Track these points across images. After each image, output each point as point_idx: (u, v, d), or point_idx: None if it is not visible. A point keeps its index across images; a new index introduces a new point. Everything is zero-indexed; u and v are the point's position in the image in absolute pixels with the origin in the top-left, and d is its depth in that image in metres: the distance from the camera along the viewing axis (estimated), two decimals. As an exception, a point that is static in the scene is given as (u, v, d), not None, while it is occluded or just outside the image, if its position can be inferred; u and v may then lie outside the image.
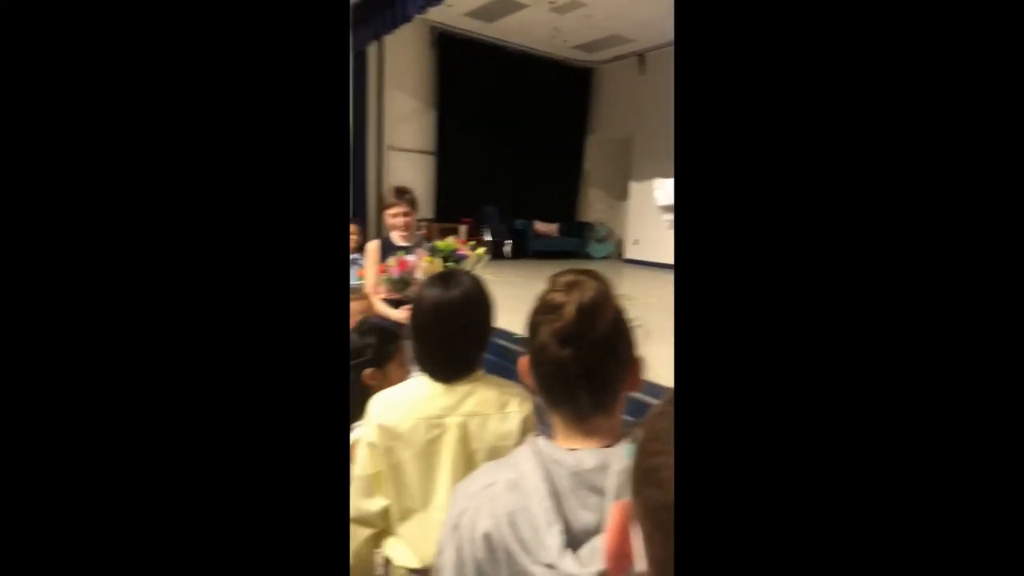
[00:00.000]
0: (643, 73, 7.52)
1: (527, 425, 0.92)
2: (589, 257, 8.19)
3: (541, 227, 8.05)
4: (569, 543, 0.55)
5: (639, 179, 7.60)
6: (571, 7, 5.99)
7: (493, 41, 7.30)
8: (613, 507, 0.46)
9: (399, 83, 6.99)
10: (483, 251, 2.15)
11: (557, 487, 0.57)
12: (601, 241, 8.52)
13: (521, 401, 0.92)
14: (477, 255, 2.09)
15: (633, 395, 0.65)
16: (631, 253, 7.89)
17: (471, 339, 0.93)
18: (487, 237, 6.96)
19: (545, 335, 0.60)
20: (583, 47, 7.44)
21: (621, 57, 7.70)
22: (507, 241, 7.47)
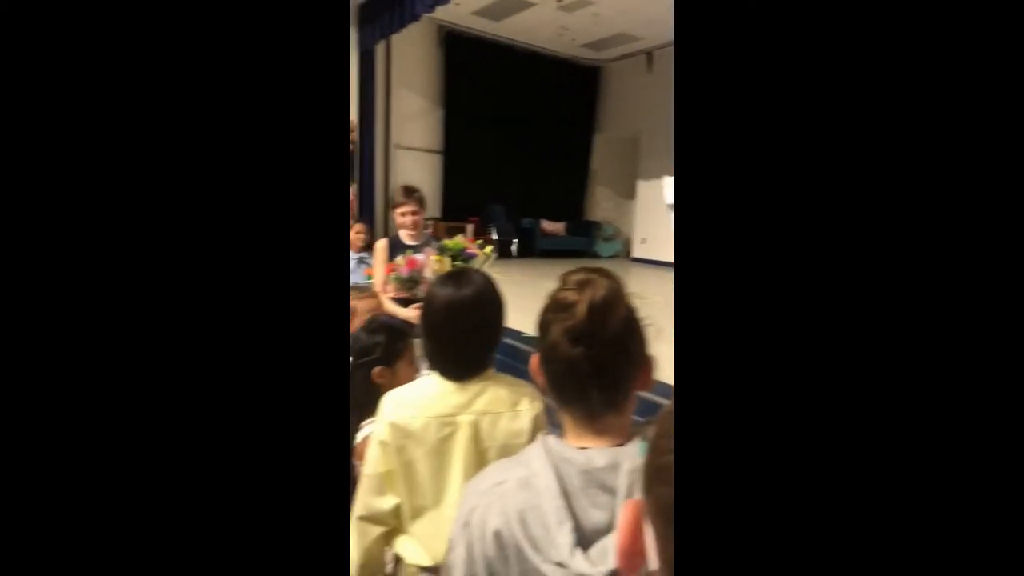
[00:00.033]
0: (651, 71, 7.48)
1: (538, 423, 0.91)
2: (596, 256, 8.17)
3: (548, 226, 8.04)
4: (579, 542, 0.55)
5: (646, 178, 7.57)
6: (579, 5, 5.97)
7: (500, 40, 7.29)
8: (625, 505, 0.46)
9: (406, 82, 7.00)
10: (491, 250, 2.15)
11: (568, 485, 0.57)
12: (608, 240, 8.49)
13: (532, 399, 0.92)
14: (485, 254, 2.10)
15: (643, 394, 0.65)
16: (638, 252, 7.86)
17: (483, 338, 0.93)
18: (494, 236, 6.96)
19: (556, 333, 0.60)
20: (590, 45, 7.42)
21: (629, 55, 7.67)
22: (514, 240, 7.47)
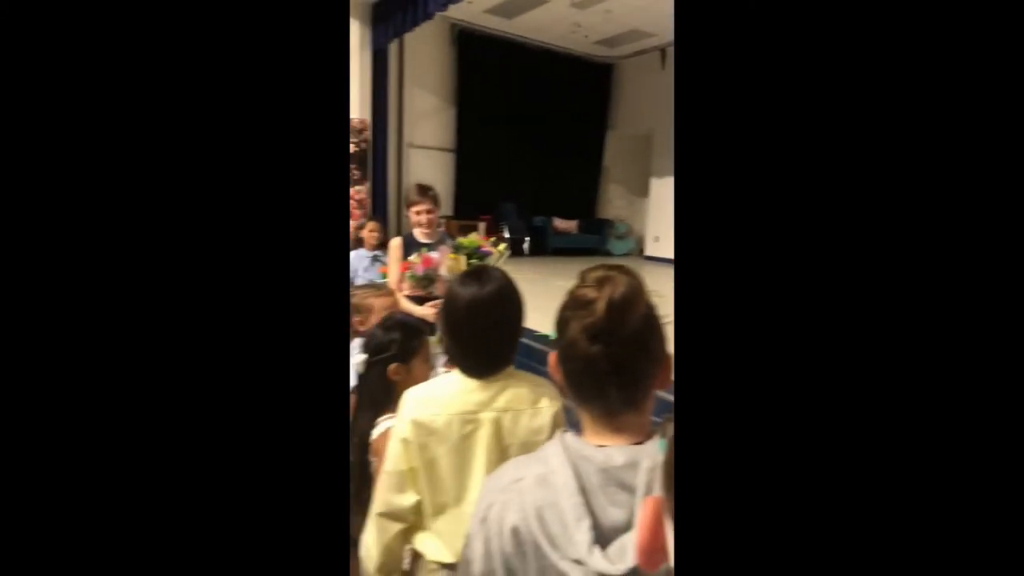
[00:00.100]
0: (664, 68, 7.42)
1: (557, 421, 0.92)
2: (608, 254, 8.13)
3: (560, 224, 8.02)
4: (598, 540, 0.55)
5: (660, 175, 7.52)
6: (592, 2, 5.94)
7: (513, 37, 7.28)
8: (645, 502, 0.46)
9: (419, 80, 7.02)
10: (504, 247, 2.16)
11: (586, 483, 0.57)
12: (621, 238, 8.45)
13: (552, 396, 0.92)
14: (499, 252, 2.10)
15: (661, 393, 0.65)
16: (651, 250, 7.82)
17: (505, 335, 0.93)
18: (506, 234, 6.96)
19: (575, 331, 0.59)
20: (603, 42, 7.38)
21: (642, 52, 7.62)
22: (526, 238, 7.46)
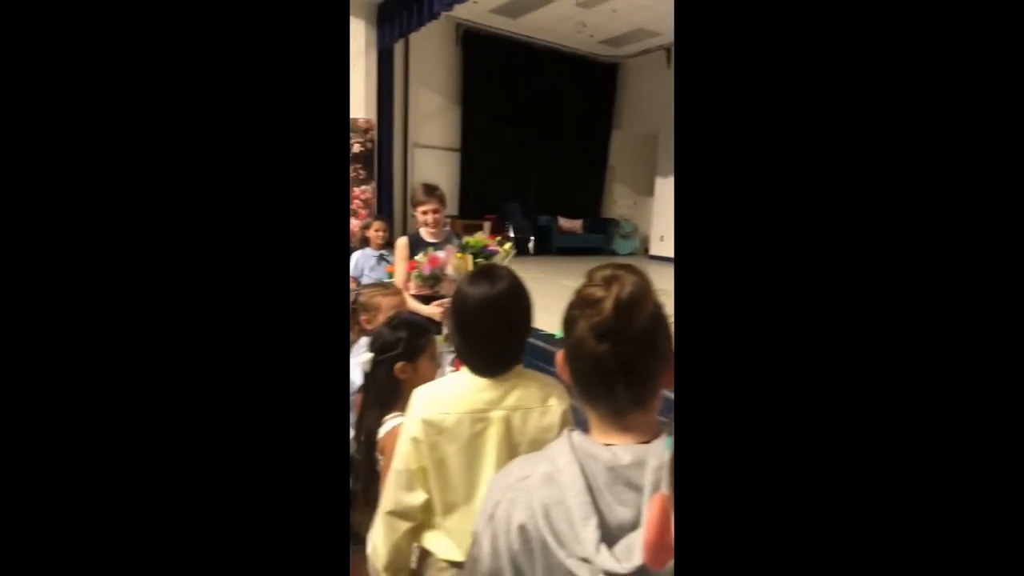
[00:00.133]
0: (669, 67, 7.40)
1: (565, 419, 0.92)
2: (614, 253, 8.12)
3: (565, 223, 8.02)
4: (605, 538, 0.55)
5: (665, 175, 7.51)
6: (597, 1, 5.93)
7: (518, 37, 7.28)
8: (653, 500, 0.46)
9: (425, 80, 7.03)
10: (510, 247, 2.16)
11: (593, 482, 0.57)
12: (626, 237, 8.44)
13: (560, 395, 0.92)
14: (505, 251, 2.10)
15: (668, 392, 0.65)
16: (656, 249, 7.80)
17: (515, 333, 0.93)
18: (511, 233, 6.96)
19: (582, 330, 0.59)
20: (609, 42, 7.36)
21: (647, 51, 7.61)
22: (530, 237, 7.47)
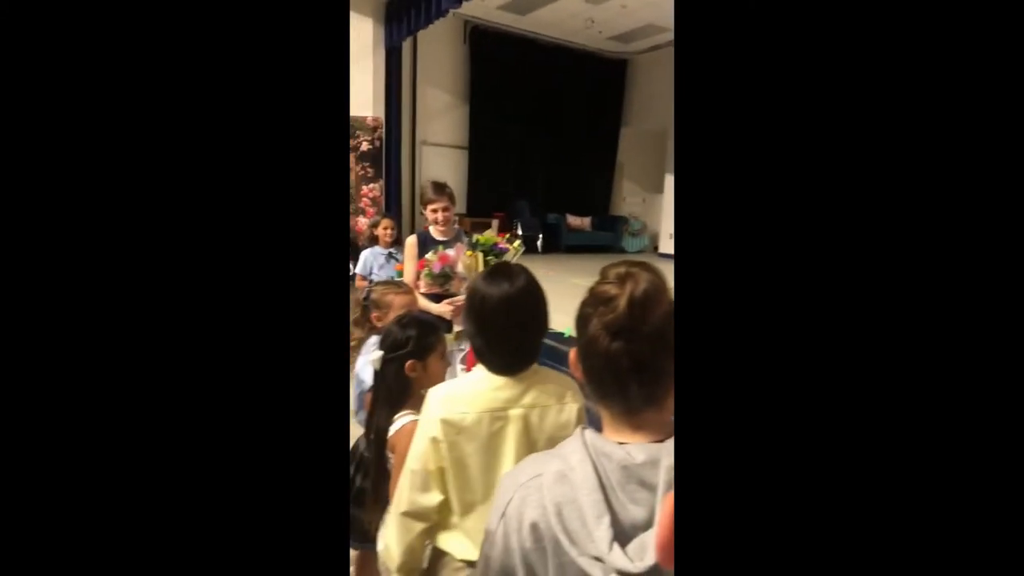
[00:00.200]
0: (679, 63, 7.37)
1: (580, 417, 0.92)
2: (623, 251, 8.10)
3: (574, 221, 8.00)
4: (618, 537, 0.55)
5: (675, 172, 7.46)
6: (606, -3, 5.92)
7: (526, 34, 7.26)
8: (666, 499, 0.45)
9: (433, 78, 7.04)
10: (519, 244, 2.16)
11: (606, 480, 0.57)
12: (635, 235, 8.41)
13: (576, 392, 0.92)
14: (515, 248, 2.11)
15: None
16: (666, 247, 7.76)
17: (533, 331, 0.93)
18: (519, 231, 6.97)
19: (596, 328, 0.59)
20: (618, 38, 7.33)
21: (656, 47, 7.57)
22: (539, 235, 7.46)
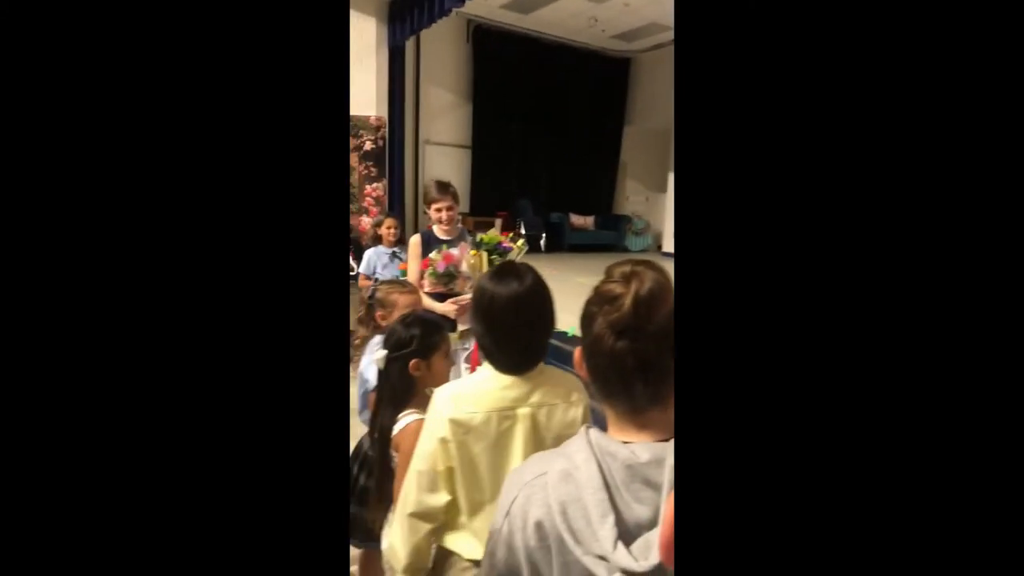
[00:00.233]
0: (683, 61, 7.35)
1: (586, 415, 0.92)
2: (626, 250, 8.09)
3: (577, 220, 7.99)
4: (622, 536, 0.55)
5: (678, 170, 7.45)
6: (609, -4, 5.90)
7: (529, 33, 7.25)
8: (669, 497, 0.46)
9: (436, 77, 7.03)
10: (522, 243, 2.16)
11: (610, 479, 0.57)
12: (638, 234, 8.39)
13: (581, 391, 0.92)
14: (518, 247, 2.11)
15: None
16: (669, 246, 7.73)
17: (542, 329, 0.94)
18: (522, 230, 6.96)
19: (601, 326, 0.59)
20: (621, 36, 7.31)
21: (660, 46, 7.54)
22: (542, 234, 7.46)
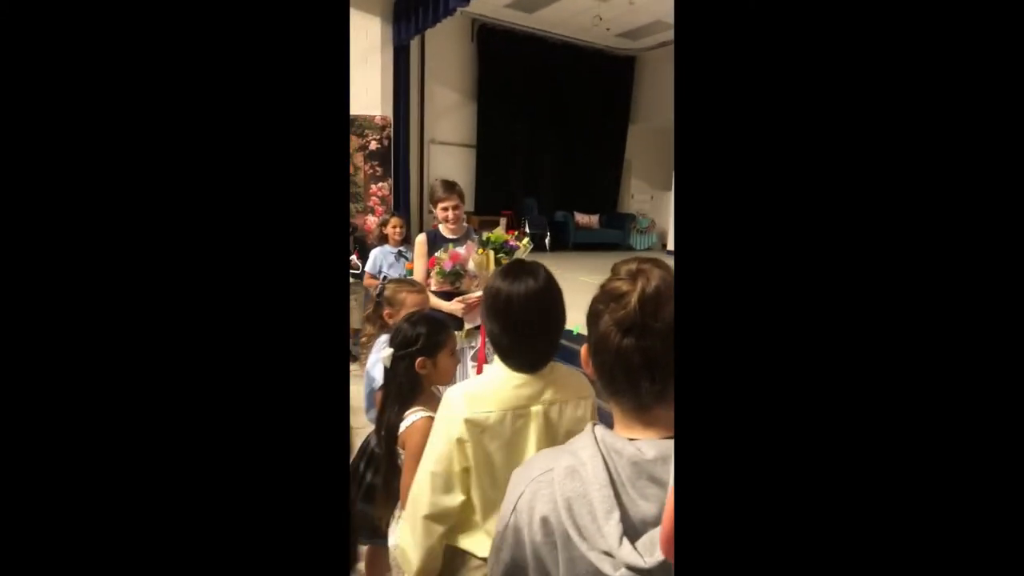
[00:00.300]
0: (688, 60, 7.32)
1: (593, 412, 0.93)
2: (631, 249, 8.06)
3: (582, 219, 7.98)
4: (628, 532, 0.55)
5: (683, 169, 7.42)
6: (614, -6, 5.89)
7: (534, 32, 7.24)
8: (671, 493, 0.46)
9: (440, 77, 7.03)
10: (528, 241, 2.17)
11: (616, 476, 0.57)
12: (643, 232, 8.37)
13: (590, 387, 0.93)
14: (524, 246, 2.11)
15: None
16: (674, 245, 7.73)
17: (556, 326, 0.94)
18: (527, 229, 6.96)
19: (607, 324, 0.59)
20: (626, 35, 7.29)
21: (665, 44, 7.51)
22: (547, 233, 7.46)
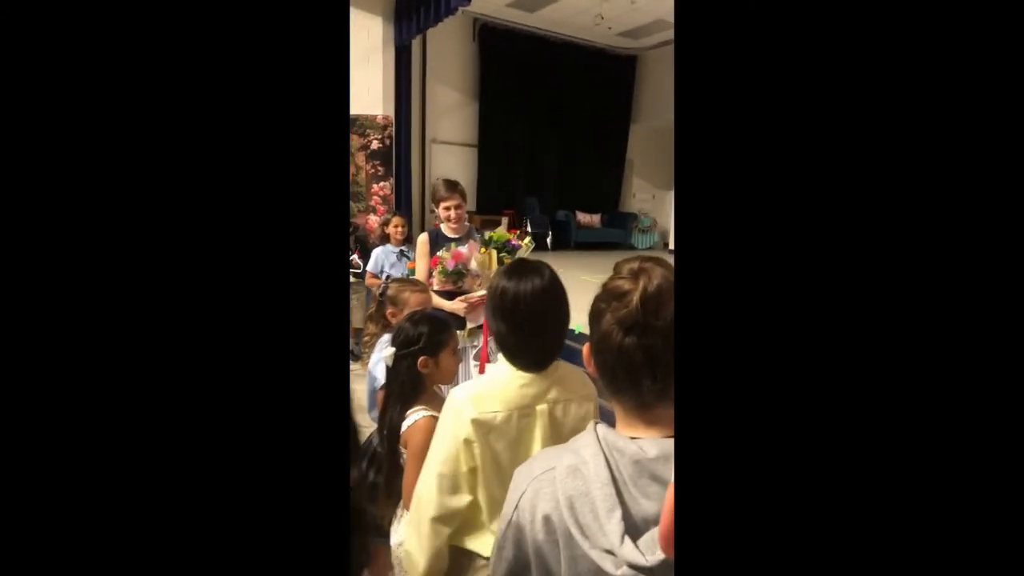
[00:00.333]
0: (689, 59, 7.31)
1: (595, 410, 0.93)
2: (632, 248, 8.06)
3: (584, 218, 7.98)
4: (630, 531, 0.55)
5: (685, 168, 7.41)
6: (615, -7, 5.88)
7: (535, 31, 7.24)
8: (670, 489, 0.46)
9: (442, 76, 7.04)
10: (529, 241, 2.17)
11: (618, 474, 0.57)
12: (645, 232, 8.37)
13: (591, 386, 0.93)
14: (526, 245, 2.12)
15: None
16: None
17: (561, 325, 0.95)
18: (528, 228, 6.96)
19: (609, 323, 0.59)
20: (627, 34, 7.29)
21: (666, 43, 7.51)
22: (549, 232, 7.46)
